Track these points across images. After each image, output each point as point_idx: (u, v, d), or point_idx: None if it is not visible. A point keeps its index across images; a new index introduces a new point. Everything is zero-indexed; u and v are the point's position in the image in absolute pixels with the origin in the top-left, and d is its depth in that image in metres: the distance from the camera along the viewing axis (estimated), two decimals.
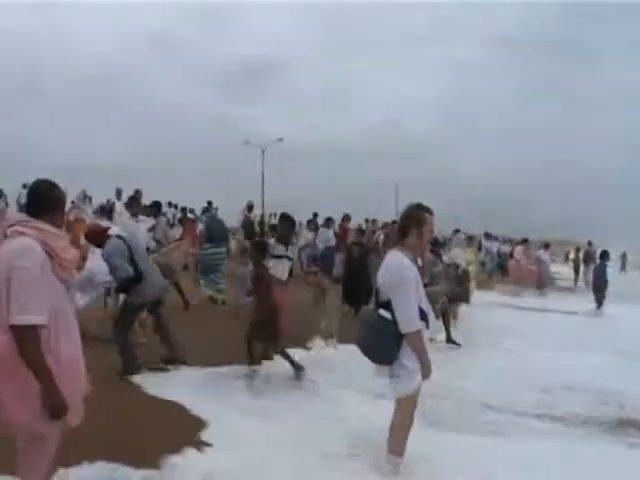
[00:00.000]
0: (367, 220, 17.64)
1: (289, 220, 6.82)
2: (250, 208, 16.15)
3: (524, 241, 19.76)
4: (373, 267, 10.04)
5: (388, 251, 3.89)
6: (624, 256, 31.54)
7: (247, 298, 6.46)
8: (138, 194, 10.57)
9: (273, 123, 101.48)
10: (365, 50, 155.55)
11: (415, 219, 3.69)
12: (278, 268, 6.67)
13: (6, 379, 2.47)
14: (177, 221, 15.48)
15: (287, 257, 6.81)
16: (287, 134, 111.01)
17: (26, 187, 12.83)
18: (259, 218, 17.83)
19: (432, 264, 8.09)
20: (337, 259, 10.32)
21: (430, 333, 3.82)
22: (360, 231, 12.44)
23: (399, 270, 3.59)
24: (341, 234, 13.71)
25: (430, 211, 3.76)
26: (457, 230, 18.56)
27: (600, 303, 13.70)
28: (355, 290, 10.07)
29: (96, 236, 5.83)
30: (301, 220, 14.63)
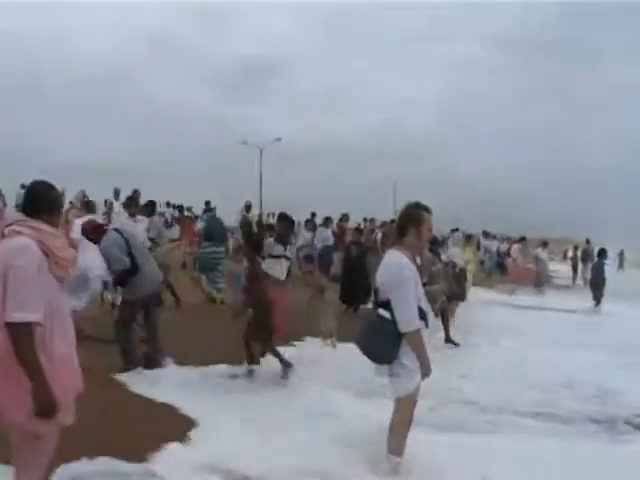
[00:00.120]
0: (365, 219, 17.64)
1: (288, 220, 6.80)
2: (248, 208, 16.16)
3: (522, 239, 19.77)
4: (371, 266, 10.05)
5: (387, 250, 3.89)
6: (622, 254, 31.63)
7: (241, 295, 6.47)
8: (136, 194, 10.62)
9: (273, 123, 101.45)
10: (365, 50, 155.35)
11: (414, 218, 3.69)
12: (276, 268, 6.64)
13: (2, 377, 2.47)
14: (175, 221, 15.45)
15: (285, 257, 6.79)
16: (287, 134, 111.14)
17: (24, 187, 12.79)
18: (257, 218, 17.81)
19: (431, 263, 8.06)
20: (335, 258, 10.34)
21: (429, 332, 3.81)
22: (358, 230, 12.44)
23: (398, 269, 3.59)
24: (339, 234, 13.71)
25: (428, 210, 3.76)
26: (456, 229, 18.56)
27: (598, 301, 13.74)
28: (353, 289, 10.09)
29: (93, 231, 5.82)
30: (299, 220, 14.63)
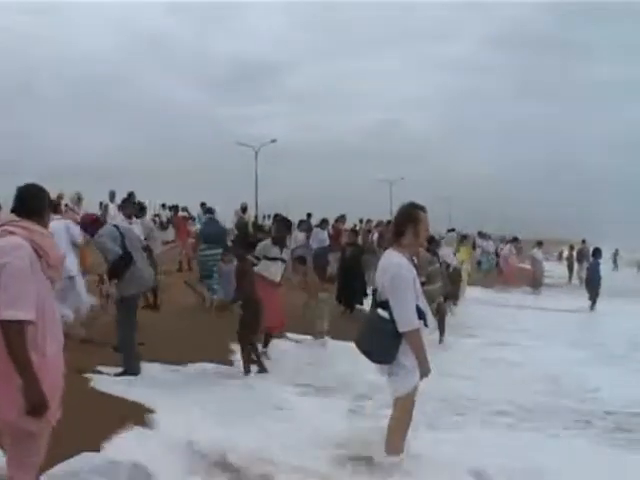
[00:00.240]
0: (361, 220, 17.69)
1: (284, 222, 6.77)
2: (244, 210, 16.22)
3: (514, 240, 19.83)
4: (369, 267, 10.07)
5: (383, 250, 3.89)
6: (616, 254, 31.71)
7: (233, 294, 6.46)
8: (132, 197, 10.70)
9: (272, 123, 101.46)
10: (365, 50, 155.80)
11: (411, 218, 3.69)
12: (272, 270, 6.63)
13: None
14: (170, 222, 15.43)
15: (281, 259, 6.78)
16: (286, 134, 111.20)
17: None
18: (253, 219, 17.86)
19: (429, 263, 8.02)
20: (331, 258, 10.34)
21: (428, 332, 3.82)
22: (354, 232, 12.45)
23: (396, 269, 3.59)
24: (334, 235, 13.74)
25: (424, 209, 3.76)
26: (452, 229, 18.62)
27: (594, 300, 13.78)
28: (349, 290, 10.10)
29: (89, 224, 5.87)
30: (294, 221, 14.62)
